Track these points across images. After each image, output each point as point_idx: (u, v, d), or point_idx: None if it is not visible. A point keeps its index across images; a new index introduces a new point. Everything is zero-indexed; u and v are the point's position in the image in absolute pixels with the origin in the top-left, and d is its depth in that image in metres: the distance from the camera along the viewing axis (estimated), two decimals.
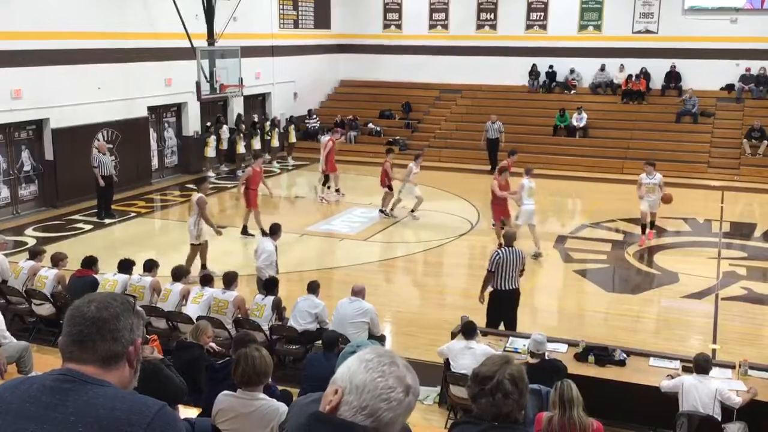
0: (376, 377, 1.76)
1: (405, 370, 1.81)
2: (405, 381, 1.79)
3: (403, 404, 1.77)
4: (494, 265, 8.96)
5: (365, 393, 1.75)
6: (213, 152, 20.56)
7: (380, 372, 1.77)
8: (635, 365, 7.59)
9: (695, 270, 12.52)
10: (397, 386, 1.77)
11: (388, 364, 1.79)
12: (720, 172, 20.75)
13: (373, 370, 1.78)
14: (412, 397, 1.80)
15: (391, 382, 1.76)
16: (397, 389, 1.76)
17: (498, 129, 21.10)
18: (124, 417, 1.83)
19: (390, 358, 1.81)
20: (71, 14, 16.47)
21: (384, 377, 1.76)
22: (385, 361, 1.80)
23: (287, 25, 24.69)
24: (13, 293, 9.73)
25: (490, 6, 25.83)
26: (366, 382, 1.76)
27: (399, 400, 1.76)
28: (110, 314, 1.96)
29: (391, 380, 1.77)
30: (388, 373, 1.77)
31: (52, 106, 16.18)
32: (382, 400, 1.74)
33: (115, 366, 1.96)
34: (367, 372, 1.77)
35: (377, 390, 1.75)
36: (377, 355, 1.82)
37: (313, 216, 16.06)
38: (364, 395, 1.75)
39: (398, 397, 1.76)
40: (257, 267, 10.49)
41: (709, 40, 22.97)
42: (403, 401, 1.77)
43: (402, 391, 1.77)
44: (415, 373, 1.84)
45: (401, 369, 1.80)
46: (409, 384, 1.79)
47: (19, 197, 16.28)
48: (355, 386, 1.76)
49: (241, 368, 4.93)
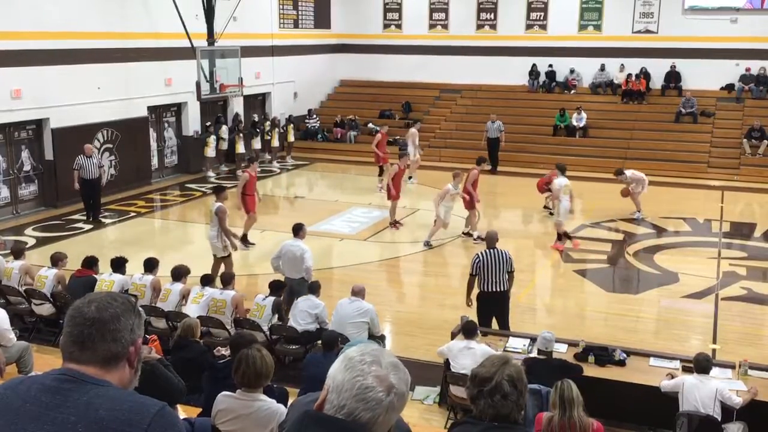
0: (354, 376, 1.74)
1: (389, 369, 1.78)
2: (387, 380, 1.75)
3: (383, 404, 1.73)
4: (475, 268, 8.88)
5: (344, 392, 1.74)
6: (213, 152, 20.55)
7: (359, 371, 1.75)
8: (635, 365, 7.59)
9: (695, 270, 12.52)
10: (377, 386, 1.74)
11: (368, 363, 1.76)
12: (720, 172, 20.76)
13: (352, 369, 1.76)
14: (395, 396, 1.76)
15: (369, 382, 1.74)
16: (375, 389, 1.73)
17: (498, 128, 21.10)
18: (124, 417, 1.83)
19: (373, 357, 1.78)
20: (71, 14, 16.46)
21: (363, 376, 1.74)
22: (366, 360, 1.77)
23: (287, 25, 24.69)
24: (12, 293, 9.72)
25: (490, 6, 25.83)
26: (345, 381, 1.75)
27: (377, 400, 1.73)
28: (110, 315, 1.95)
29: (370, 379, 1.74)
30: (367, 372, 1.75)
31: (52, 106, 16.18)
32: (359, 400, 1.72)
33: (116, 366, 1.96)
34: (346, 371, 1.76)
35: (354, 389, 1.73)
36: (360, 353, 1.80)
37: (313, 216, 16.05)
38: (342, 394, 1.74)
39: (376, 397, 1.73)
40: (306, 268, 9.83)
41: (709, 40, 22.97)
42: (383, 401, 1.73)
43: (382, 391, 1.74)
44: (404, 372, 1.81)
45: (383, 368, 1.77)
46: (391, 383, 1.76)
47: (19, 197, 16.28)
48: (336, 385, 1.75)
49: (242, 369, 4.92)
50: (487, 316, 8.95)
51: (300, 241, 9.99)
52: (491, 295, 8.89)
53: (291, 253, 9.88)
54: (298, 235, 10.07)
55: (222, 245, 11.21)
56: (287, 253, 9.92)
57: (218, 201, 11.32)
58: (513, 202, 18.26)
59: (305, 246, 9.96)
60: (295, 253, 9.83)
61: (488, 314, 8.96)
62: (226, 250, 11.26)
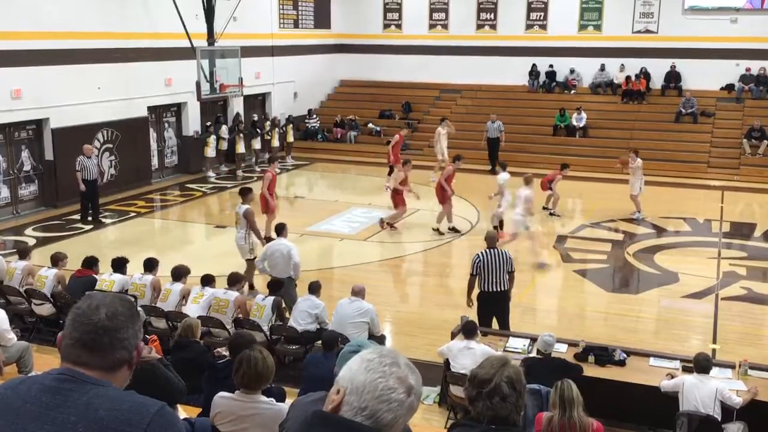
0: (376, 378, 1.74)
1: (407, 370, 1.79)
2: (407, 382, 1.77)
3: (404, 405, 1.75)
4: (475, 268, 8.88)
5: (365, 394, 1.73)
6: (213, 152, 20.54)
7: (381, 372, 1.75)
8: (635, 365, 7.58)
9: (695, 270, 12.52)
10: (399, 387, 1.75)
11: (389, 365, 1.77)
12: (720, 172, 20.75)
13: (373, 370, 1.76)
14: (414, 397, 1.78)
15: (391, 383, 1.74)
16: (398, 390, 1.74)
17: (498, 128, 21.10)
18: (123, 417, 1.83)
19: (392, 359, 1.79)
20: (71, 14, 16.46)
21: (385, 378, 1.75)
22: (386, 362, 1.78)
23: (287, 25, 24.69)
24: (12, 293, 9.73)
25: (490, 6, 25.83)
26: (366, 383, 1.74)
27: (400, 401, 1.74)
28: (120, 323, 1.96)
29: (392, 381, 1.75)
30: (389, 374, 1.75)
31: (52, 106, 16.17)
32: (383, 401, 1.73)
33: (119, 370, 1.98)
34: (367, 372, 1.76)
35: (377, 391, 1.73)
36: (379, 355, 1.80)
37: (313, 216, 16.05)
38: (364, 396, 1.73)
39: (399, 398, 1.74)
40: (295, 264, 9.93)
41: (709, 40, 22.97)
42: (405, 402, 1.75)
43: (404, 392, 1.75)
44: (418, 373, 1.83)
45: (403, 369, 1.78)
46: (411, 384, 1.77)
47: (19, 197, 16.27)
48: (356, 387, 1.75)
49: (242, 371, 4.89)
50: (487, 316, 8.95)
51: (284, 240, 10.13)
52: (492, 295, 8.89)
53: (278, 252, 9.99)
54: (282, 234, 10.21)
55: (249, 247, 10.89)
56: (274, 253, 10.02)
57: (245, 203, 10.93)
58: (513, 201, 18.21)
59: (290, 244, 10.11)
60: (283, 252, 9.95)
61: (488, 314, 8.96)
62: (252, 253, 10.91)
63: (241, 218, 10.90)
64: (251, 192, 11.33)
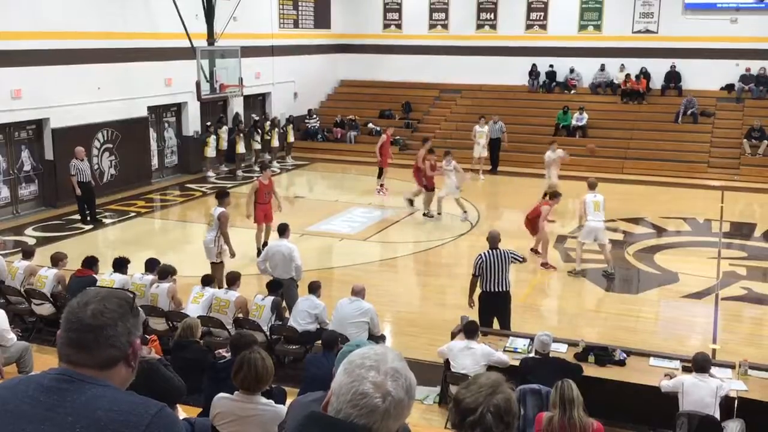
0: (350, 381, 1.69)
1: (387, 375, 1.70)
2: (383, 387, 1.69)
3: (377, 411, 1.67)
4: (477, 268, 8.89)
5: (341, 396, 1.70)
6: (213, 152, 20.54)
7: (356, 376, 1.70)
8: (635, 365, 7.59)
9: (695, 270, 12.51)
10: (373, 393, 1.67)
11: (367, 368, 1.71)
12: (720, 172, 20.75)
13: (350, 373, 1.71)
14: (391, 404, 1.68)
15: (364, 388, 1.68)
16: (371, 396, 1.67)
17: (500, 129, 21.10)
18: (122, 418, 1.82)
19: (375, 361, 1.72)
20: (71, 14, 16.46)
21: (358, 382, 1.68)
22: (366, 364, 1.71)
23: (287, 25, 24.68)
24: (12, 293, 9.73)
25: (490, 6, 25.83)
26: (342, 386, 1.70)
27: (372, 407, 1.67)
28: (107, 320, 1.92)
29: (367, 386, 1.68)
30: (363, 378, 1.69)
31: (52, 106, 16.17)
32: (353, 406, 1.67)
33: (114, 368, 1.95)
34: (344, 375, 1.71)
35: (349, 395, 1.68)
36: (362, 357, 1.74)
37: (313, 216, 16.05)
38: (340, 398, 1.70)
39: (371, 404, 1.67)
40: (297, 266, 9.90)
41: (709, 40, 22.96)
42: (378, 408, 1.67)
43: (379, 398, 1.67)
44: (405, 378, 1.73)
45: (381, 374, 1.70)
46: (388, 390, 1.69)
47: (19, 197, 16.27)
48: (335, 389, 1.72)
49: (243, 373, 4.89)
50: (488, 315, 8.97)
51: (286, 241, 10.05)
52: (493, 295, 8.92)
53: (279, 253, 9.91)
54: (284, 235, 10.12)
55: (217, 251, 10.80)
56: (275, 254, 9.95)
57: (221, 206, 10.88)
58: (513, 202, 18.23)
59: (292, 245, 10.03)
60: (284, 253, 9.87)
61: (490, 314, 8.98)
62: (219, 257, 10.82)
63: (214, 220, 10.82)
64: (228, 196, 11.29)
